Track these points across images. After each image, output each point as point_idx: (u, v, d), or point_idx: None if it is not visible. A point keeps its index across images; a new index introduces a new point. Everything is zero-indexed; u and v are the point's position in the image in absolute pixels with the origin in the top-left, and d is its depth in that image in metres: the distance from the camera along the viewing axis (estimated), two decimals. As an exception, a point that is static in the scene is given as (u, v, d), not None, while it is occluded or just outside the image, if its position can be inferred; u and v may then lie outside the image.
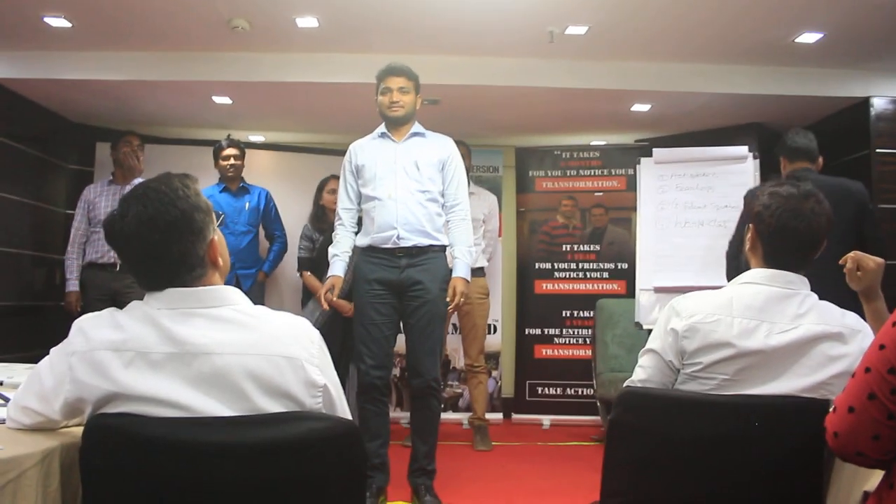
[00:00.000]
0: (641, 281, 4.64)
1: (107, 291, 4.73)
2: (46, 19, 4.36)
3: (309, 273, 4.96)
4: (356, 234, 3.71)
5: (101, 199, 4.92)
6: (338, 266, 3.66)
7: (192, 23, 4.48)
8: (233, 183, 5.15)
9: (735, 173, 4.48)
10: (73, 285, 4.93)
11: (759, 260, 1.87)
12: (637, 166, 4.78)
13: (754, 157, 4.50)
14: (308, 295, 5.01)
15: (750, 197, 1.95)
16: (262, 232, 5.38)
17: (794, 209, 1.81)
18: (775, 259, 1.84)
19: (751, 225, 1.90)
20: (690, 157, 4.66)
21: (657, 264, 4.55)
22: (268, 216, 5.33)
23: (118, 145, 5.00)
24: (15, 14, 4.31)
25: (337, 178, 4.43)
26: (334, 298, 3.64)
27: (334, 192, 4.74)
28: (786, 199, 1.82)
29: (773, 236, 1.84)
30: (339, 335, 4.51)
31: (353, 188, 3.70)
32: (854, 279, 2.04)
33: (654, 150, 4.78)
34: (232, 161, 5.09)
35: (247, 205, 5.18)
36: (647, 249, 4.64)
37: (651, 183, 4.67)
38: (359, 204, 3.71)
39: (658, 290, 4.49)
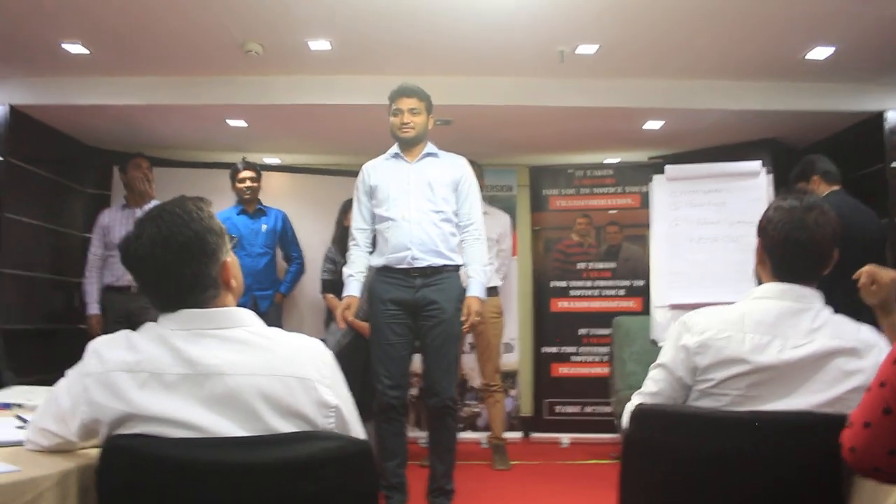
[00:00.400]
0: (656, 298, 4.62)
1: (122, 313, 4.77)
2: (65, 46, 4.43)
3: (332, 295, 4.91)
4: (370, 253, 3.73)
5: (115, 222, 4.98)
6: (353, 286, 3.67)
7: (206, 47, 4.54)
8: (250, 205, 5.19)
9: (748, 189, 4.46)
10: (93, 308, 4.97)
11: (768, 275, 1.87)
12: (649, 183, 4.78)
13: (767, 173, 4.48)
14: (331, 317, 5.00)
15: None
16: (279, 254, 5.40)
17: (796, 221, 1.80)
18: (784, 273, 1.83)
19: (759, 240, 1.90)
20: (703, 173, 4.65)
21: (672, 281, 4.54)
22: (285, 238, 5.35)
23: (127, 168, 5.04)
24: (34, 41, 4.39)
25: None
26: (350, 318, 3.65)
27: None
28: (788, 212, 1.82)
29: (777, 249, 1.83)
30: (362, 356, 4.49)
31: (366, 208, 3.72)
32: (869, 293, 2.02)
33: (666, 166, 4.78)
34: (248, 183, 5.13)
35: (263, 227, 5.21)
36: (661, 266, 4.63)
37: (664, 200, 4.67)
38: (373, 224, 3.72)
39: (673, 307, 4.46)
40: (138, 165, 5.03)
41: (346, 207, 5.00)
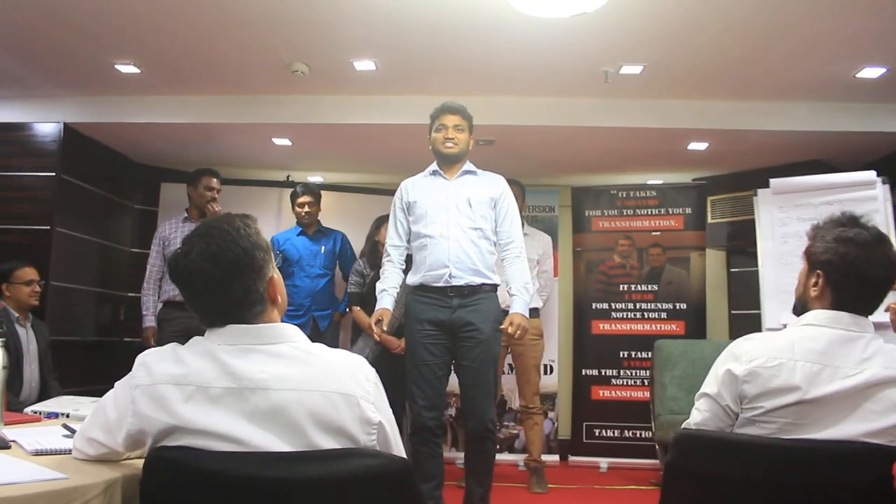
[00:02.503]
0: (768, 319, 4.38)
1: (181, 329, 4.58)
2: (117, 66, 4.55)
3: (358, 308, 4.92)
4: (405, 271, 3.73)
5: (176, 235, 4.87)
6: (386, 300, 3.66)
7: (254, 67, 4.62)
8: (309, 228, 5.22)
9: (863, 200, 4.16)
10: (149, 321, 4.88)
11: (825, 305, 1.80)
12: (754, 199, 4.55)
13: (883, 183, 4.22)
14: (358, 331, 4.99)
15: (813, 236, 1.89)
16: (338, 274, 5.40)
17: (875, 259, 1.75)
18: (849, 306, 1.77)
19: (819, 272, 1.81)
20: (811, 185, 4.42)
21: (785, 301, 4.39)
22: (344, 258, 5.36)
23: (197, 185, 4.91)
24: (88, 62, 4.51)
25: None
26: (383, 330, 3.65)
27: None
28: (863, 247, 1.75)
29: (848, 284, 1.77)
30: (389, 372, 4.49)
31: (402, 225, 3.72)
32: None
33: (772, 180, 4.54)
34: (306, 208, 5.17)
35: (322, 248, 5.21)
36: (770, 286, 4.38)
37: (770, 215, 4.44)
38: (407, 241, 3.72)
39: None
40: (210, 187, 4.89)
41: (379, 223, 5.02)
